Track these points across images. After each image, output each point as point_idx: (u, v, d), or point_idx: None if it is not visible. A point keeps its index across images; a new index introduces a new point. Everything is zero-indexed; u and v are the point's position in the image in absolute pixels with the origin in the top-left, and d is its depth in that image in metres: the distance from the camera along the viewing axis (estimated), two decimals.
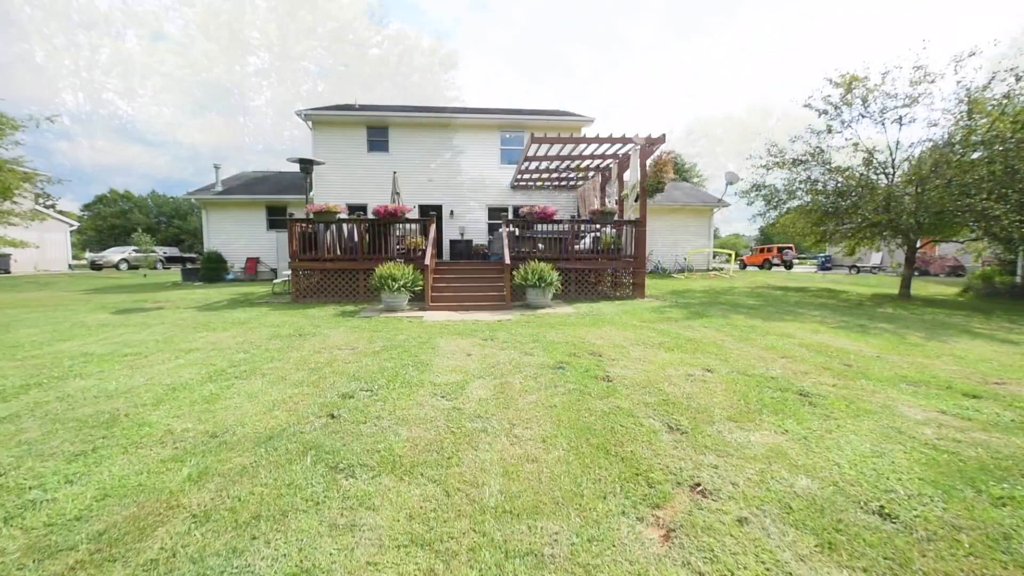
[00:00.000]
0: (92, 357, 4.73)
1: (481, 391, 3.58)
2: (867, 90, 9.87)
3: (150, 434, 2.78)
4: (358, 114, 15.31)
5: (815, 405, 3.27)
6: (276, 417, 3.04)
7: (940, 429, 2.85)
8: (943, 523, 1.89)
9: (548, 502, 2.04)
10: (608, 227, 10.15)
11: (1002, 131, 8.51)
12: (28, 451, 2.55)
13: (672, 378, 3.92)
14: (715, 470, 2.33)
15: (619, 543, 1.77)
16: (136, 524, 1.88)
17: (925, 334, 6.12)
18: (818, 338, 5.72)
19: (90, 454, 2.51)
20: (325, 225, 9.33)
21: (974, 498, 2.07)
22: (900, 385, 3.78)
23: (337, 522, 1.89)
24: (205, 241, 16.41)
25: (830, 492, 2.12)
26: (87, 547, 1.73)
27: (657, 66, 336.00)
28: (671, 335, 5.80)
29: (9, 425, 2.93)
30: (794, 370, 4.20)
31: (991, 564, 1.64)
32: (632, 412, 3.12)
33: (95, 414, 3.11)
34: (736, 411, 3.15)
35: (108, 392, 3.58)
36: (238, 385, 3.75)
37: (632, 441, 2.67)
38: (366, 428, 2.85)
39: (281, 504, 2.01)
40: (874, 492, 2.12)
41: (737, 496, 2.09)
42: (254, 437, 2.72)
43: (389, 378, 3.89)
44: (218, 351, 4.99)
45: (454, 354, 4.80)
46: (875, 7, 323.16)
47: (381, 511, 1.97)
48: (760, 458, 2.46)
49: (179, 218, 59.99)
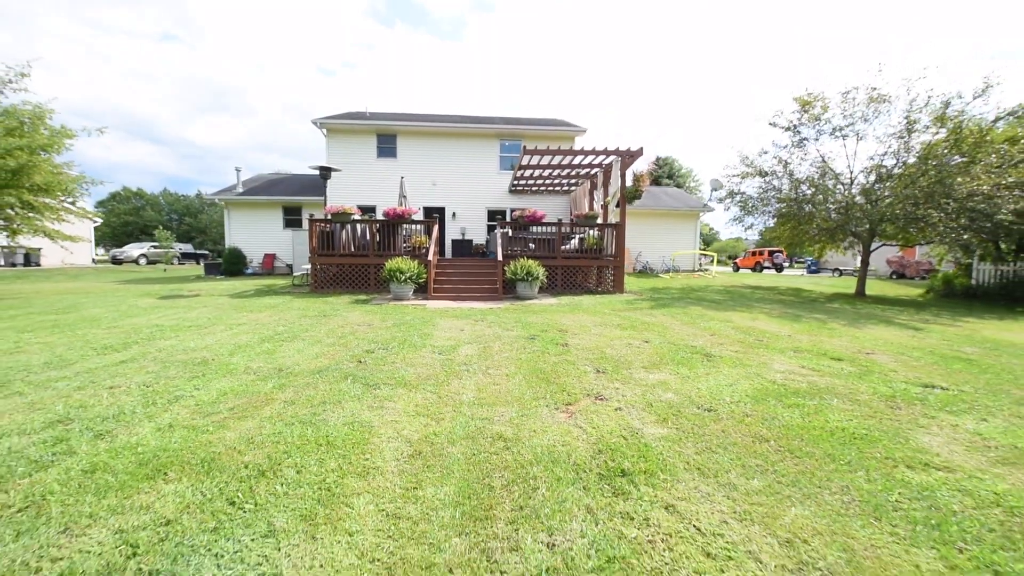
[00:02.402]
0: (163, 328, 5.98)
1: (468, 351, 4.80)
2: (823, 108, 11.03)
3: (236, 368, 4.01)
4: (368, 123, 16.60)
5: (711, 361, 4.46)
6: (320, 361, 4.27)
7: (788, 375, 4.04)
8: (742, 413, 3.08)
9: (501, 402, 3.25)
10: (592, 229, 11.35)
11: (936, 147, 9.65)
12: (158, 376, 3.79)
13: (615, 345, 5.13)
14: (615, 390, 3.54)
15: (540, 418, 2.97)
16: (251, 404, 3.11)
17: (847, 323, 7.28)
18: (753, 324, 6.90)
19: (200, 378, 3.74)
20: (341, 225, 10.59)
21: (774, 404, 3.27)
22: (787, 352, 4.96)
23: (372, 405, 3.11)
24: (226, 238, 17.74)
25: (681, 399, 3.32)
26: (226, 412, 2.96)
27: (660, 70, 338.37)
28: (630, 319, 7.00)
29: (134, 363, 4.17)
30: (713, 342, 5.39)
31: (755, 428, 2.84)
32: (575, 363, 4.33)
33: (190, 359, 4.34)
34: (650, 363, 4.35)
35: (191, 348, 4.83)
36: (286, 345, 4.99)
37: (567, 376, 3.88)
38: (384, 368, 4.07)
39: (336, 398, 3.24)
40: (710, 400, 3.32)
41: (621, 401, 3.30)
42: (308, 371, 3.95)
43: (399, 342, 5.11)
44: (261, 325, 6.23)
45: (450, 329, 6.02)
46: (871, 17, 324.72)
47: (398, 401, 3.19)
48: (648, 385, 3.66)
49: (190, 216, 61.53)
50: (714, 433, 2.75)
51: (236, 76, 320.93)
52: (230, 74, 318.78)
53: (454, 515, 1.88)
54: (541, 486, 2.12)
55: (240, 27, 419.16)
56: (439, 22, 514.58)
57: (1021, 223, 9.30)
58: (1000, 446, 2.65)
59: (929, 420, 3.04)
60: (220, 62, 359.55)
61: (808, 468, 2.33)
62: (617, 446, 2.54)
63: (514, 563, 1.60)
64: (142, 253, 28.28)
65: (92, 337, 5.33)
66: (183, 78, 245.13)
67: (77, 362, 4.21)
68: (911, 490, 2.14)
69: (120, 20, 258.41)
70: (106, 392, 3.35)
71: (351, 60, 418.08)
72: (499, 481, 2.16)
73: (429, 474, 2.22)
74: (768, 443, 2.62)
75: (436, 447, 2.51)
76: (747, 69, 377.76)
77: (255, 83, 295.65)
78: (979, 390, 3.73)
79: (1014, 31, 39.30)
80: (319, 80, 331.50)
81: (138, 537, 1.70)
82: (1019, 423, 3.01)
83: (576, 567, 1.59)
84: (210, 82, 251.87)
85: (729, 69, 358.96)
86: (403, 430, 2.72)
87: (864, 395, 3.52)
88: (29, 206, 9.76)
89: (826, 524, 1.86)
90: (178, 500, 1.95)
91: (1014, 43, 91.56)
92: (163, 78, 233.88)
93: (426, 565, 1.59)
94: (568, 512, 1.91)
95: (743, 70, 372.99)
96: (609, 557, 1.64)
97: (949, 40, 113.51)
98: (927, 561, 1.66)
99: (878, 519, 1.90)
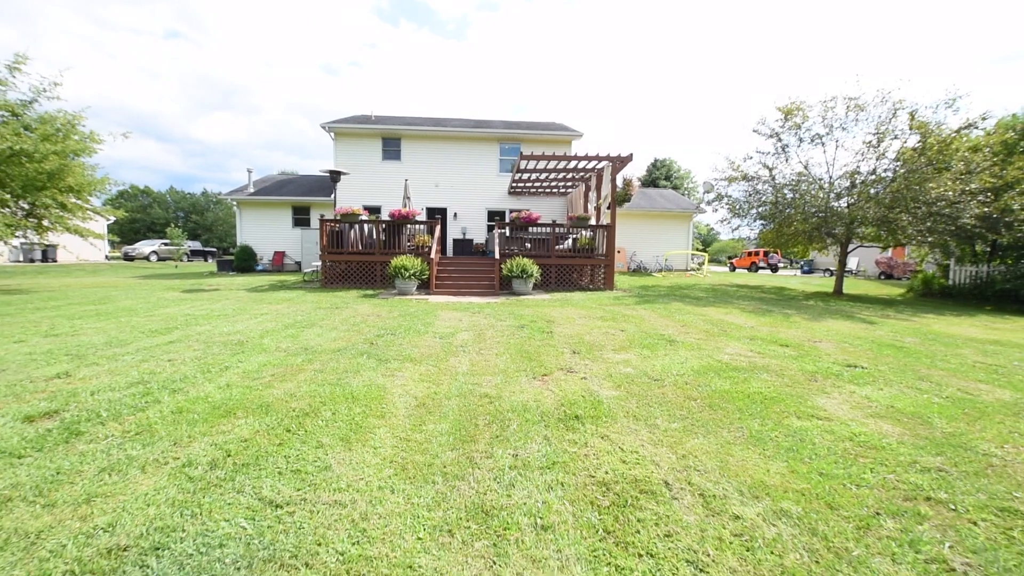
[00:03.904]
0: (195, 316, 6.74)
1: (464, 336, 5.53)
2: (804, 117, 11.72)
3: (268, 347, 4.76)
4: (374, 127, 17.35)
5: (672, 346, 5.19)
6: (338, 343, 5.02)
7: (735, 356, 4.76)
8: (683, 382, 3.81)
9: (489, 373, 3.99)
10: (585, 230, 12.08)
11: (904, 154, 10.33)
12: (204, 352, 4.54)
13: (593, 333, 5.86)
14: (584, 366, 4.27)
15: (519, 384, 3.70)
16: (287, 372, 3.85)
17: (810, 317, 7.99)
18: (724, 317, 7.61)
19: (240, 354, 4.49)
20: (349, 225, 11.35)
21: (712, 376, 3.99)
22: (743, 340, 5.68)
23: (384, 374, 3.85)
24: (238, 236, 18.54)
25: (637, 373, 4.05)
26: (269, 377, 3.71)
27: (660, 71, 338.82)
28: (612, 312, 7.73)
29: (181, 344, 4.93)
30: (681, 331, 6.11)
31: (689, 392, 3.56)
32: (555, 346, 5.07)
33: (227, 341, 5.10)
34: (619, 347, 5.08)
35: (225, 332, 5.58)
36: (307, 331, 5.74)
37: (546, 356, 4.61)
38: (393, 348, 4.81)
39: (355, 368, 3.98)
40: (660, 374, 4.04)
41: (587, 373, 4.03)
42: (329, 350, 4.70)
43: (405, 329, 5.86)
44: (281, 315, 6.98)
45: (449, 319, 6.76)
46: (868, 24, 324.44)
47: (405, 372, 3.93)
48: (613, 363, 4.39)
49: (196, 213, 62.50)
50: (655, 395, 3.48)
51: (242, 74, 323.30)
52: (236, 72, 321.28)
53: (448, 440, 2.62)
54: (513, 424, 2.85)
55: (246, 25, 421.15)
56: (444, 22, 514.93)
57: (982, 226, 9.97)
58: (879, 406, 3.37)
59: (834, 388, 3.76)
60: (226, 60, 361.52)
61: (718, 417, 3.06)
62: (576, 402, 3.27)
63: (488, 465, 2.34)
64: (153, 250, 29.14)
65: (135, 324, 6.09)
66: (189, 75, 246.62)
67: (132, 342, 4.97)
68: (790, 431, 2.86)
69: (126, 17, 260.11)
70: (167, 363, 4.10)
71: (356, 59, 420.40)
72: (483, 421, 2.90)
73: (430, 417, 2.95)
74: (695, 401, 3.35)
75: (436, 401, 3.25)
76: (748, 71, 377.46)
77: (261, 81, 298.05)
78: (893, 369, 4.44)
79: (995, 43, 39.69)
80: (323, 78, 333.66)
81: (228, 447, 2.44)
82: (907, 392, 3.73)
83: (530, 466, 2.33)
84: (216, 80, 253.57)
85: (730, 71, 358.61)
86: (410, 390, 3.46)
87: (792, 371, 4.24)
88: (62, 206, 10.55)
89: (715, 448, 2.59)
90: (249, 428, 2.69)
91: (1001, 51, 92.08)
92: (169, 75, 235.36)
93: (427, 464, 2.32)
94: (531, 439, 2.65)
95: (744, 72, 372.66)
96: (554, 462, 2.38)
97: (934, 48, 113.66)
98: (777, 468, 2.38)
99: (754, 446, 2.63)
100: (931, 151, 9.96)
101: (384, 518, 1.86)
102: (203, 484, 2.08)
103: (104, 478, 2.13)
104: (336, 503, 1.95)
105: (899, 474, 2.33)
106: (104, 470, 2.20)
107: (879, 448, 2.63)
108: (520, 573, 1.57)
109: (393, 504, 1.96)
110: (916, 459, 2.50)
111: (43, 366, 3.97)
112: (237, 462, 2.29)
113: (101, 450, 2.40)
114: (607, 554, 1.68)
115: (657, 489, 2.13)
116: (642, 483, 2.18)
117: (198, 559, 1.60)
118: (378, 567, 1.59)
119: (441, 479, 2.18)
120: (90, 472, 2.18)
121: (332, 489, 2.06)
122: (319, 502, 1.96)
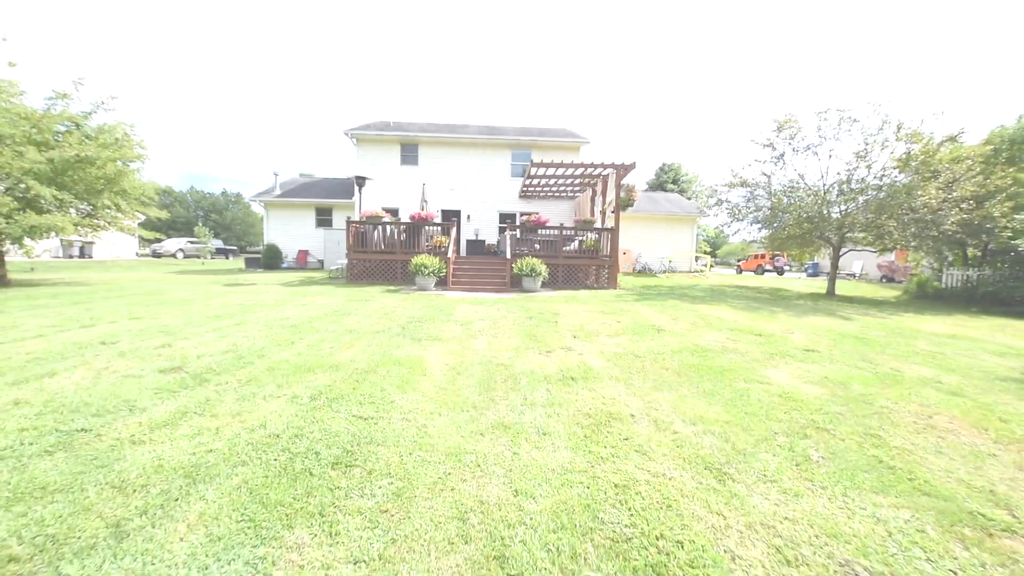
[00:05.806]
0: (247, 305, 7.76)
1: (481, 323, 6.46)
2: (797, 129, 12.46)
3: (320, 329, 5.73)
4: (393, 133, 18.42)
5: (659, 333, 6.05)
6: (376, 326, 5.98)
7: (711, 342, 5.62)
8: (663, 357, 4.68)
9: (504, 350, 4.90)
10: (590, 233, 12.95)
11: (898, 165, 11.05)
12: (269, 332, 5.52)
13: (593, 323, 6.74)
14: (582, 346, 5.16)
15: (528, 357, 4.61)
16: (343, 345, 4.80)
17: (794, 314, 8.77)
18: (714, 313, 8.43)
19: (299, 333, 5.46)
20: (373, 226, 12.36)
21: (686, 355, 4.85)
22: (724, 330, 6.52)
23: (419, 349, 4.79)
24: (264, 235, 19.75)
25: (624, 351, 4.94)
26: (328, 349, 4.66)
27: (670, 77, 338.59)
28: (613, 307, 8.60)
29: (246, 326, 5.92)
30: (671, 323, 6.97)
31: (664, 364, 4.43)
32: (559, 332, 5.97)
33: (284, 324, 6.08)
34: (614, 333, 5.96)
35: (279, 318, 6.57)
36: (346, 318, 6.71)
37: (551, 338, 5.51)
38: (422, 331, 5.76)
39: (395, 344, 4.93)
40: (644, 353, 4.92)
41: (584, 351, 4.92)
42: (370, 331, 5.66)
43: (430, 318, 6.80)
44: (320, 305, 7.98)
45: (467, 311, 7.70)
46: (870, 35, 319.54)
47: (436, 348, 4.87)
48: (606, 344, 5.28)
49: (216, 212, 64.49)
50: (636, 366, 4.36)
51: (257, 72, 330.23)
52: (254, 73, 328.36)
53: (475, 390, 3.54)
54: (523, 381, 3.76)
55: (255, 23, 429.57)
56: (452, 23, 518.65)
57: (963, 233, 10.63)
58: (815, 376, 4.21)
59: (785, 365, 4.61)
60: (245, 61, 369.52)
61: (682, 380, 3.94)
62: (572, 369, 4.17)
63: (505, 403, 3.25)
64: (180, 248, 30.61)
65: (199, 311, 7.12)
66: (200, 73, 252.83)
67: (204, 324, 5.97)
68: (735, 390, 3.73)
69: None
70: (243, 339, 5.09)
71: (368, 56, 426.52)
72: (500, 379, 3.81)
73: (459, 376, 3.88)
74: (667, 371, 4.22)
75: (463, 366, 4.17)
76: (752, 75, 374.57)
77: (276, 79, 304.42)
78: (844, 353, 5.26)
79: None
80: (338, 77, 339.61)
81: (318, 388, 3.39)
82: (844, 368, 4.56)
83: (535, 404, 3.24)
84: (232, 80, 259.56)
85: (737, 76, 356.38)
86: (442, 360, 4.39)
87: (755, 353, 5.09)
88: (117, 207, 11.72)
89: (673, 398, 3.47)
90: (327, 380, 3.64)
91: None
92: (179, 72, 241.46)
93: (461, 403, 3.25)
94: (536, 390, 3.56)
95: (750, 76, 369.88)
96: (552, 402, 3.28)
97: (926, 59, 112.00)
98: (715, 410, 3.26)
99: (704, 398, 3.51)
100: (916, 161, 10.65)
101: (437, 427, 2.79)
102: (311, 407, 3.03)
103: (241, 403, 3.09)
104: (403, 419, 2.89)
105: (804, 415, 3.20)
106: (238, 399, 3.16)
107: (798, 400, 3.49)
108: (529, 452, 2.49)
109: (442, 421, 2.89)
110: (823, 407, 3.36)
111: (146, 339, 4.98)
112: (328, 396, 3.24)
113: (228, 389, 3.37)
114: (584, 446, 2.58)
115: (624, 417, 3.03)
116: (614, 415, 3.08)
117: (326, 440, 2.54)
118: (437, 449, 2.51)
119: (472, 409, 3.10)
120: (230, 400, 3.14)
121: (399, 412, 3.00)
122: (392, 418, 2.89)
